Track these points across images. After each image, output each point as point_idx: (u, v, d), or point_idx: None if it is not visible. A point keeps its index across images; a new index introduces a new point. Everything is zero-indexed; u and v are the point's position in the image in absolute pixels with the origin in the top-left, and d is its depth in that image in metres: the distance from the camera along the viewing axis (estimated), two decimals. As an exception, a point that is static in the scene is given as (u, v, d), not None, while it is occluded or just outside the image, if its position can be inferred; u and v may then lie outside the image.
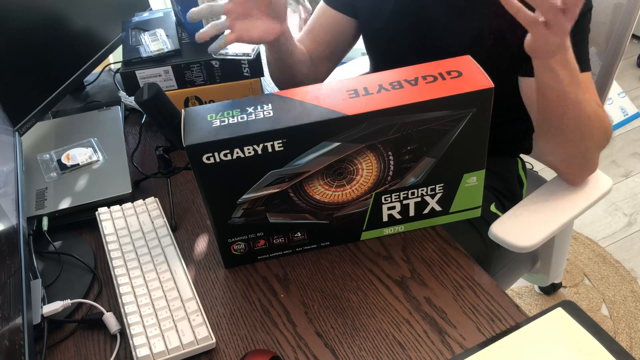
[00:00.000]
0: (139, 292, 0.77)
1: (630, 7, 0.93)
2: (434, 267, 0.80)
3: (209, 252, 0.87)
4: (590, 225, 1.87)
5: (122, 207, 0.92)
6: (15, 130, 0.97)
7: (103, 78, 1.35)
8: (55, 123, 1.14)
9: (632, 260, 1.75)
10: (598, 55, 1.01)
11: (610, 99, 2.26)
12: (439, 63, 0.74)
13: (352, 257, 0.83)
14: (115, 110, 1.16)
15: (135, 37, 1.13)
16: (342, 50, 1.15)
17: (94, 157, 1.03)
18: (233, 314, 0.77)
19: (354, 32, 1.12)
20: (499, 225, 0.88)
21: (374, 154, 0.73)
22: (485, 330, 0.71)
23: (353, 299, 0.77)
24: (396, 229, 0.84)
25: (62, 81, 1.10)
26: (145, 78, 1.07)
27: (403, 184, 0.78)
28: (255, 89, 1.11)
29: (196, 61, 1.07)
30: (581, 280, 1.71)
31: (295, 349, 0.72)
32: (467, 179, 0.79)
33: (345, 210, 0.79)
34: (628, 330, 1.56)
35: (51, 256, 0.88)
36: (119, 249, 0.84)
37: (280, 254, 0.84)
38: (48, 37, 1.06)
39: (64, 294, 0.81)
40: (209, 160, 0.69)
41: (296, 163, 0.72)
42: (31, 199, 0.95)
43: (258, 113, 0.70)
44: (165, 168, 0.94)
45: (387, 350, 0.70)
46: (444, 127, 0.72)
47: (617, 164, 2.09)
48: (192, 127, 0.70)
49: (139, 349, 0.70)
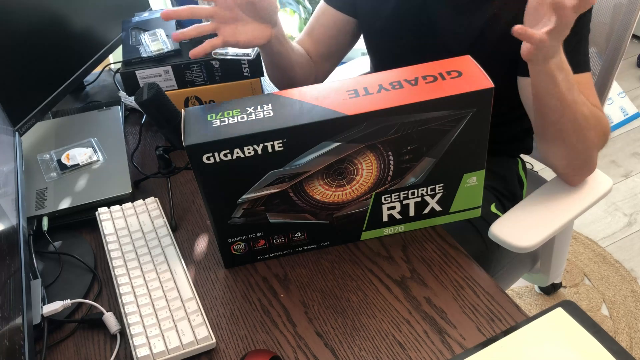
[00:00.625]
0: (139, 292, 0.77)
1: (630, 7, 0.93)
2: (434, 267, 0.80)
3: (209, 252, 0.87)
4: (590, 225, 1.87)
5: (122, 207, 0.92)
6: (15, 130, 0.97)
7: (103, 78, 1.34)
8: (55, 123, 1.14)
9: (632, 260, 1.75)
10: (598, 55, 1.01)
11: (610, 99, 2.26)
12: (439, 63, 0.74)
13: (352, 257, 0.83)
14: (115, 110, 1.16)
15: (135, 37, 1.13)
16: (343, 50, 1.15)
17: (94, 157, 1.03)
18: (233, 314, 0.77)
19: (354, 31, 1.12)
20: (499, 226, 0.88)
21: (374, 154, 0.73)
22: (485, 330, 0.71)
23: (353, 299, 0.77)
24: (396, 229, 0.84)
25: (62, 81, 1.10)
26: (145, 78, 1.07)
27: (403, 184, 0.78)
28: (255, 89, 1.11)
29: (196, 61, 1.07)
30: (581, 280, 1.71)
31: (295, 349, 0.72)
32: (467, 179, 0.79)
33: (345, 210, 0.79)
34: (628, 330, 1.56)
35: (51, 256, 0.88)
36: (119, 249, 0.84)
37: (280, 254, 0.84)
38: (48, 37, 1.06)
39: (64, 294, 0.81)
40: (209, 160, 0.69)
41: (296, 163, 0.72)
42: (31, 199, 0.95)
43: (258, 113, 0.70)
44: (165, 168, 0.94)
45: (387, 350, 0.70)
46: (444, 127, 0.72)
47: (617, 164, 2.09)
48: (192, 127, 0.70)
49: (139, 349, 0.70)
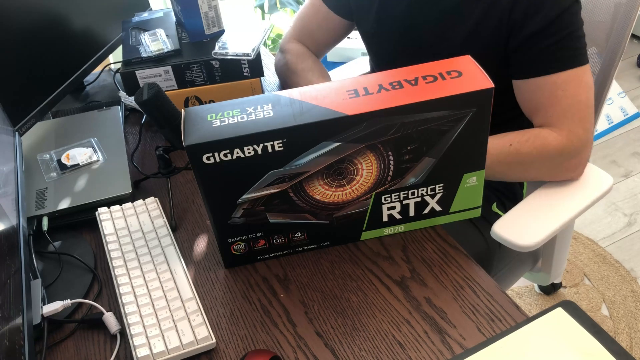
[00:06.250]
0: (139, 292, 0.77)
1: (629, 6, 0.93)
2: (434, 267, 0.80)
3: (209, 252, 0.87)
4: (590, 225, 1.87)
5: (122, 207, 0.91)
6: (15, 130, 0.96)
7: (103, 78, 1.34)
8: (55, 123, 1.14)
9: (632, 260, 1.75)
10: (598, 55, 1.01)
11: (610, 99, 2.26)
12: (438, 63, 0.74)
13: (352, 257, 0.83)
14: (115, 110, 1.16)
15: (135, 37, 1.13)
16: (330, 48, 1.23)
17: (94, 157, 1.03)
18: (233, 314, 0.77)
19: (346, 32, 1.17)
20: (501, 225, 0.88)
21: (374, 154, 0.73)
22: (485, 330, 0.71)
23: (353, 299, 0.77)
24: (396, 229, 0.84)
25: (62, 81, 1.10)
26: (145, 78, 1.07)
27: (403, 184, 0.78)
28: (255, 89, 1.11)
29: (196, 61, 1.06)
30: (581, 280, 1.71)
31: (295, 349, 0.72)
32: (467, 179, 0.79)
33: (345, 210, 0.79)
34: (628, 330, 1.56)
35: (51, 256, 0.88)
36: (119, 249, 0.84)
37: (280, 254, 0.84)
38: (48, 37, 1.06)
39: (64, 294, 0.81)
40: (209, 160, 0.69)
41: (296, 163, 0.72)
42: (31, 199, 0.95)
43: (258, 113, 0.70)
44: (165, 168, 0.94)
45: (387, 350, 0.70)
46: (444, 127, 0.72)
47: (617, 164, 2.09)
48: (192, 127, 0.70)
49: (139, 349, 0.70)
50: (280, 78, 1.18)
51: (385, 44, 1.05)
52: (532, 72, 0.87)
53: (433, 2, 0.93)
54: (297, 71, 1.10)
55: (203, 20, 1.10)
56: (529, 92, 0.89)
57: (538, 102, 0.88)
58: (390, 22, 1.00)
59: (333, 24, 1.13)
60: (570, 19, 0.84)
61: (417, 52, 0.99)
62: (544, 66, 0.85)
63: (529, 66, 0.87)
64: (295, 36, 1.17)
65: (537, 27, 0.83)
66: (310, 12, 1.14)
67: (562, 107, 0.86)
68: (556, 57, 0.84)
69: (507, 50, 0.89)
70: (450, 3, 0.91)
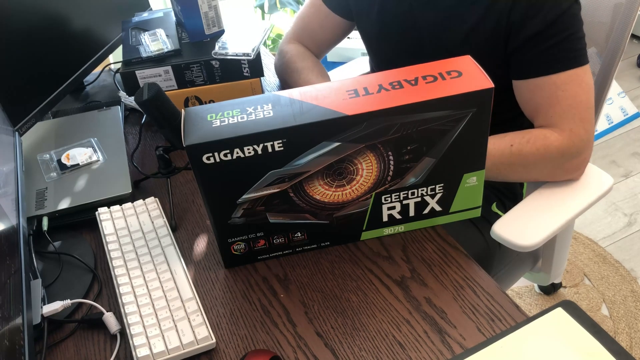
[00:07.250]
0: (139, 292, 0.77)
1: (629, 6, 0.93)
2: (434, 267, 0.80)
3: (209, 252, 0.87)
4: (590, 225, 1.87)
5: (122, 207, 0.91)
6: (15, 130, 0.96)
7: (103, 78, 1.34)
8: (55, 123, 1.14)
9: (632, 260, 1.75)
10: (598, 55, 1.01)
11: (610, 99, 2.26)
12: (439, 63, 0.74)
13: (352, 257, 0.83)
14: (115, 110, 1.16)
15: (135, 37, 1.13)
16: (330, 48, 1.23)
17: (94, 157, 1.03)
18: (233, 314, 0.77)
19: (346, 32, 1.17)
20: (501, 225, 0.88)
21: (374, 154, 0.73)
22: (485, 330, 0.71)
23: (353, 299, 0.77)
24: (396, 229, 0.84)
25: (62, 81, 1.10)
26: (145, 78, 1.07)
27: (403, 184, 0.78)
28: (255, 89, 1.11)
29: (196, 61, 1.06)
30: (581, 280, 1.71)
31: (295, 349, 0.72)
32: (467, 179, 0.79)
33: (345, 210, 0.79)
34: (628, 330, 1.56)
35: (51, 256, 0.88)
36: (119, 249, 0.84)
37: (280, 254, 0.84)
38: (48, 37, 1.06)
39: (64, 294, 0.81)
40: (209, 160, 0.69)
41: (296, 163, 0.72)
42: (31, 199, 0.95)
43: (258, 113, 0.70)
44: (165, 168, 0.94)
45: (387, 350, 0.70)
46: (444, 127, 0.72)
47: (617, 164, 2.09)
48: (192, 127, 0.70)
49: (139, 349, 0.70)
50: (280, 78, 1.18)
51: (385, 44, 1.05)
52: (532, 72, 0.87)
53: (433, 2, 0.93)
54: (297, 70, 1.10)
55: (203, 20, 1.10)
56: (529, 92, 0.89)
57: (538, 103, 0.88)
58: (391, 22, 1.00)
59: (333, 24, 1.13)
60: (570, 20, 0.84)
61: (417, 52, 0.99)
62: (544, 67, 0.85)
63: (529, 67, 0.87)
64: (295, 36, 1.17)
65: (536, 29, 0.83)
66: (311, 13, 1.14)
67: (563, 108, 0.86)
68: (556, 57, 0.84)
69: (506, 51, 0.89)
70: (450, 4, 0.92)
